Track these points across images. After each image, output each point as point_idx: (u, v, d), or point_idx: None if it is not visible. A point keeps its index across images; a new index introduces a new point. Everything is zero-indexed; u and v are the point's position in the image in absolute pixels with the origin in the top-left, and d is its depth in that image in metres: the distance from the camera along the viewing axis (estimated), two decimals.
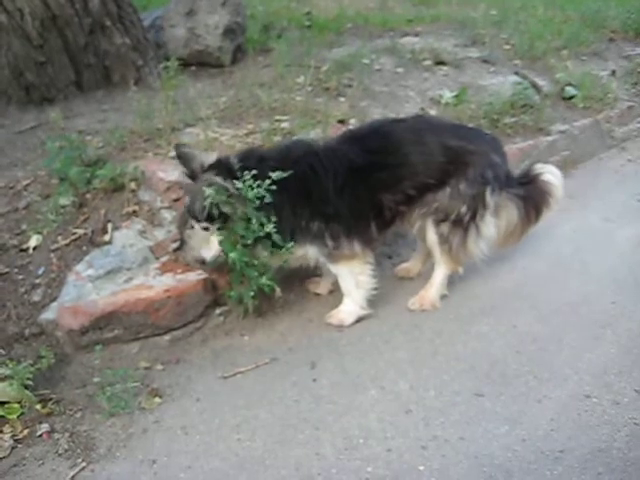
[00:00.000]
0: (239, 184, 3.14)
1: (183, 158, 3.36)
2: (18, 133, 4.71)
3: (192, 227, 3.33)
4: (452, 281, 3.84)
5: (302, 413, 2.97)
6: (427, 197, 3.53)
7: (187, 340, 3.47)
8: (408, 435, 2.81)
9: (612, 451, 2.69)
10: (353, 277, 3.55)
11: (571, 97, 6.11)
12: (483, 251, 3.69)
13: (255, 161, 3.27)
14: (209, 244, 3.33)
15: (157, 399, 3.08)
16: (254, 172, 3.13)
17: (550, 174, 3.81)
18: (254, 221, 3.17)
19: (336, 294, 3.72)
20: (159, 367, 3.29)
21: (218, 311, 3.59)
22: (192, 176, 3.35)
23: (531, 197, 3.75)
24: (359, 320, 3.61)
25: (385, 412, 2.95)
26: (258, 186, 3.11)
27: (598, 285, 3.91)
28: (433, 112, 5.33)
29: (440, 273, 3.74)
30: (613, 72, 6.94)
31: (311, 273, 3.78)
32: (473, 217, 3.55)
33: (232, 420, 2.95)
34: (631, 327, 3.51)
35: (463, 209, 3.52)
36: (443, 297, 3.78)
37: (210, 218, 3.23)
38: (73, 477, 2.66)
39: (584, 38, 7.31)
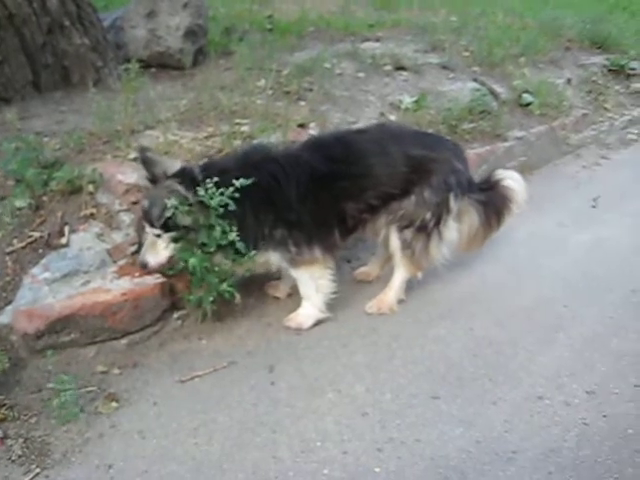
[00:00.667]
0: (201, 192, 3.14)
1: (146, 162, 3.33)
2: None
3: (144, 229, 3.34)
4: (411, 286, 3.90)
5: (260, 416, 2.98)
6: (392, 205, 3.58)
7: (144, 344, 3.45)
8: (364, 438, 2.84)
9: (563, 451, 2.77)
10: (313, 281, 3.58)
11: (528, 104, 6.24)
12: (445, 256, 3.76)
13: (217, 171, 3.25)
14: (156, 250, 3.32)
15: (114, 403, 3.06)
16: (216, 180, 3.13)
17: (511, 179, 3.89)
18: (217, 229, 3.18)
19: (295, 298, 3.74)
20: (116, 371, 3.26)
21: (176, 315, 3.58)
22: (153, 180, 3.32)
23: (492, 202, 3.83)
24: (317, 323, 3.64)
25: (342, 415, 2.98)
26: (221, 194, 3.11)
27: (552, 289, 4.01)
28: (393, 117, 5.38)
29: (399, 277, 3.78)
30: (569, 80, 7.10)
31: (270, 277, 3.79)
32: (437, 223, 3.61)
33: (189, 424, 2.94)
34: (583, 331, 3.60)
35: (428, 215, 3.57)
36: (401, 301, 3.83)
37: (165, 226, 3.23)
38: None
39: (541, 46, 7.44)
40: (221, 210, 3.15)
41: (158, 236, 3.28)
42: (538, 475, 2.65)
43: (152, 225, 3.26)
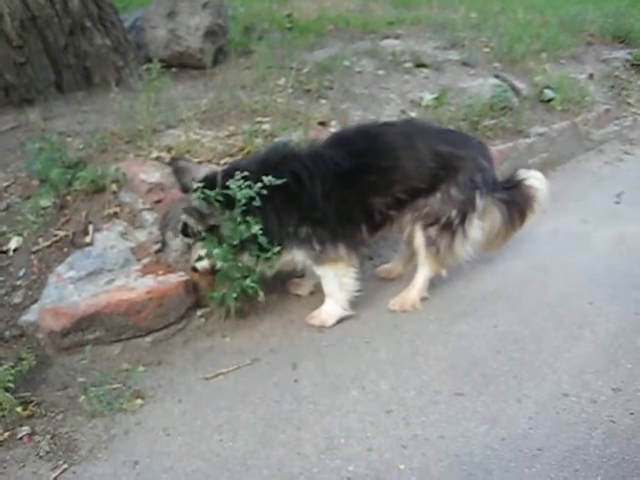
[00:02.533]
0: (232, 185, 3.16)
1: (177, 172, 3.47)
2: None
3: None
4: (433, 283, 3.88)
5: (284, 413, 2.99)
6: (418, 202, 3.56)
7: (169, 342, 3.48)
8: (389, 434, 2.84)
9: (589, 448, 2.74)
10: (337, 279, 3.57)
11: (549, 100, 6.18)
12: (469, 254, 3.73)
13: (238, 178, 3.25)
14: (194, 253, 3.40)
15: (139, 400, 3.08)
16: (245, 174, 3.16)
17: (534, 179, 3.86)
18: (241, 223, 3.20)
19: (317, 295, 3.75)
20: (141, 369, 3.27)
21: (199, 313, 3.60)
22: (185, 190, 3.41)
23: (516, 202, 3.81)
24: (340, 321, 3.63)
25: (366, 412, 2.98)
26: (248, 186, 3.13)
27: (576, 286, 3.97)
28: (413, 114, 5.36)
29: (423, 275, 3.76)
30: (591, 75, 7.02)
31: (292, 274, 3.80)
32: (462, 221, 3.58)
33: (214, 421, 2.96)
34: (608, 327, 3.56)
35: (453, 213, 3.55)
36: (424, 299, 3.80)
37: (186, 235, 3.36)
38: (55, 479, 2.65)
39: (562, 42, 7.37)
40: (244, 206, 3.16)
41: (188, 243, 3.41)
42: (564, 472, 2.62)
43: (186, 235, 3.39)
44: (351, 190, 3.41)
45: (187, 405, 3.07)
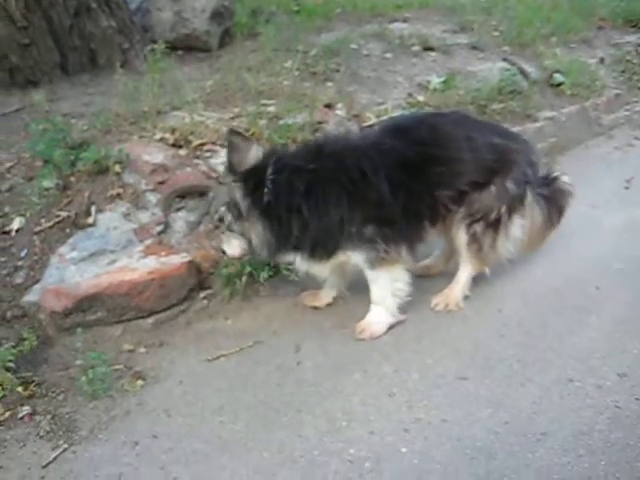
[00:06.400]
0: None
1: (231, 147, 3.09)
2: (2, 116, 4.65)
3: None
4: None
5: (285, 396, 2.97)
6: (472, 196, 3.38)
7: (170, 323, 3.46)
8: (391, 418, 2.82)
9: (594, 434, 2.71)
10: (391, 284, 3.34)
11: (559, 84, 6.10)
12: (510, 252, 3.60)
13: (292, 167, 3.09)
14: (230, 243, 3.23)
15: (140, 382, 3.07)
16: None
17: (567, 176, 3.82)
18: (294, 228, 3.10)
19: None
20: (142, 350, 3.28)
21: (202, 294, 3.57)
22: (231, 169, 3.11)
23: (554, 198, 3.73)
24: (343, 304, 3.60)
25: (368, 395, 2.96)
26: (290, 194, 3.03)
27: (583, 271, 3.92)
28: (421, 98, 5.30)
29: (466, 273, 3.61)
30: (601, 60, 6.93)
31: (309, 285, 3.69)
32: (510, 217, 3.46)
33: (215, 403, 2.94)
34: (615, 312, 3.53)
35: (503, 209, 3.41)
36: (466, 298, 3.67)
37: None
38: (55, 459, 2.65)
39: (573, 25, 7.28)
40: (295, 213, 3.06)
41: (230, 230, 3.21)
42: (568, 457, 2.60)
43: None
44: (418, 183, 3.22)
45: (188, 387, 3.06)
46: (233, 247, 3.22)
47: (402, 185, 3.15)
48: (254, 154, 3.07)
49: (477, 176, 3.34)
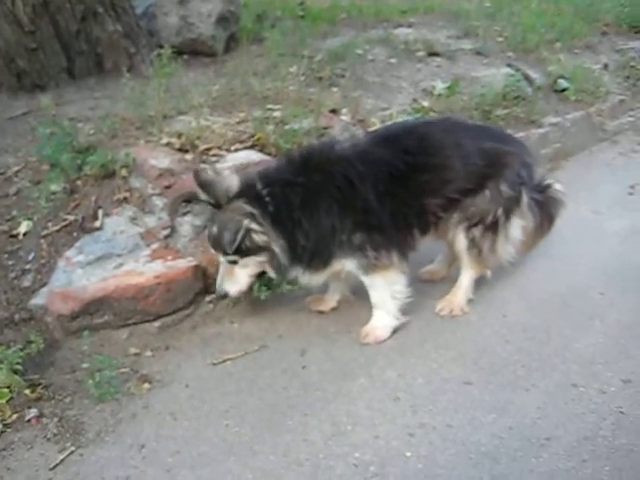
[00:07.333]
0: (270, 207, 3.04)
1: (204, 186, 3.08)
2: (9, 119, 4.69)
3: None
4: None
5: (291, 400, 2.99)
6: (465, 202, 3.40)
7: (176, 327, 3.48)
8: (396, 422, 2.83)
9: (597, 439, 2.71)
10: (388, 288, 3.36)
11: (563, 90, 6.12)
12: (511, 254, 3.61)
13: (281, 182, 3.12)
14: (234, 278, 3.18)
15: (146, 385, 3.08)
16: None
17: (560, 184, 3.82)
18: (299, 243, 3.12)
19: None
20: (148, 353, 3.29)
21: (208, 298, 3.58)
22: (217, 205, 3.09)
23: (547, 205, 3.74)
24: (348, 308, 3.62)
25: (373, 399, 2.97)
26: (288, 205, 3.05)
27: (587, 276, 3.93)
28: (426, 103, 5.32)
29: (468, 277, 3.63)
30: (605, 65, 6.95)
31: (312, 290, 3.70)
32: (507, 219, 3.47)
33: (221, 406, 2.96)
34: (619, 318, 3.53)
35: (500, 211, 3.42)
36: (470, 301, 3.69)
37: (239, 251, 3.06)
38: (62, 461, 2.67)
39: (577, 31, 7.30)
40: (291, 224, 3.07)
41: (234, 262, 3.13)
42: (572, 462, 2.60)
43: (225, 252, 3.09)
44: (405, 191, 3.24)
45: (194, 390, 3.07)
46: (238, 282, 3.19)
47: (389, 193, 3.18)
48: (232, 179, 3.09)
49: (468, 183, 3.36)
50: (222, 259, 3.16)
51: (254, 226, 3.02)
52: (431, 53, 6.29)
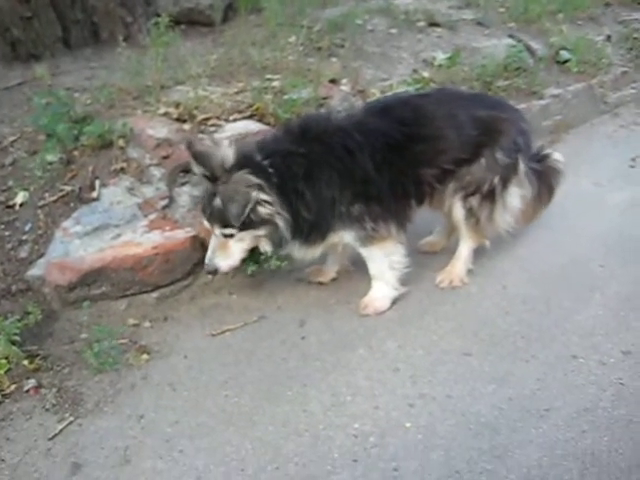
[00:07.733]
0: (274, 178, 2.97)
1: (199, 158, 2.99)
2: (4, 89, 4.63)
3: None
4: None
5: (290, 370, 2.99)
6: (461, 171, 3.37)
7: (175, 298, 3.46)
8: (395, 393, 2.83)
9: (597, 410, 2.72)
10: (387, 259, 3.34)
11: (565, 61, 6.05)
12: (509, 223, 3.58)
13: (281, 152, 3.05)
14: (227, 252, 3.08)
15: (145, 356, 3.08)
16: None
17: (558, 154, 3.79)
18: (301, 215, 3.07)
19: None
20: (147, 324, 3.29)
21: None
22: (212, 177, 2.98)
23: (546, 174, 3.70)
24: (348, 279, 3.60)
25: (373, 370, 2.97)
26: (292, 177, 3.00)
27: (588, 248, 3.92)
28: (426, 74, 5.26)
29: (466, 247, 3.61)
30: (608, 37, 6.87)
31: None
32: (504, 188, 3.43)
33: (220, 377, 2.96)
34: (619, 290, 3.53)
35: (496, 179, 3.39)
36: (470, 272, 3.67)
37: (243, 224, 2.96)
38: (61, 431, 2.68)
39: (580, 2, 7.20)
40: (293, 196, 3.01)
41: (230, 236, 3.03)
42: (571, 433, 2.61)
43: (226, 225, 2.98)
44: (402, 162, 3.21)
45: (193, 361, 3.07)
46: (231, 257, 3.10)
47: (386, 163, 3.16)
48: (227, 150, 3.00)
49: (462, 152, 3.34)
50: (217, 232, 3.05)
51: (263, 196, 2.93)
52: (432, 23, 6.22)
